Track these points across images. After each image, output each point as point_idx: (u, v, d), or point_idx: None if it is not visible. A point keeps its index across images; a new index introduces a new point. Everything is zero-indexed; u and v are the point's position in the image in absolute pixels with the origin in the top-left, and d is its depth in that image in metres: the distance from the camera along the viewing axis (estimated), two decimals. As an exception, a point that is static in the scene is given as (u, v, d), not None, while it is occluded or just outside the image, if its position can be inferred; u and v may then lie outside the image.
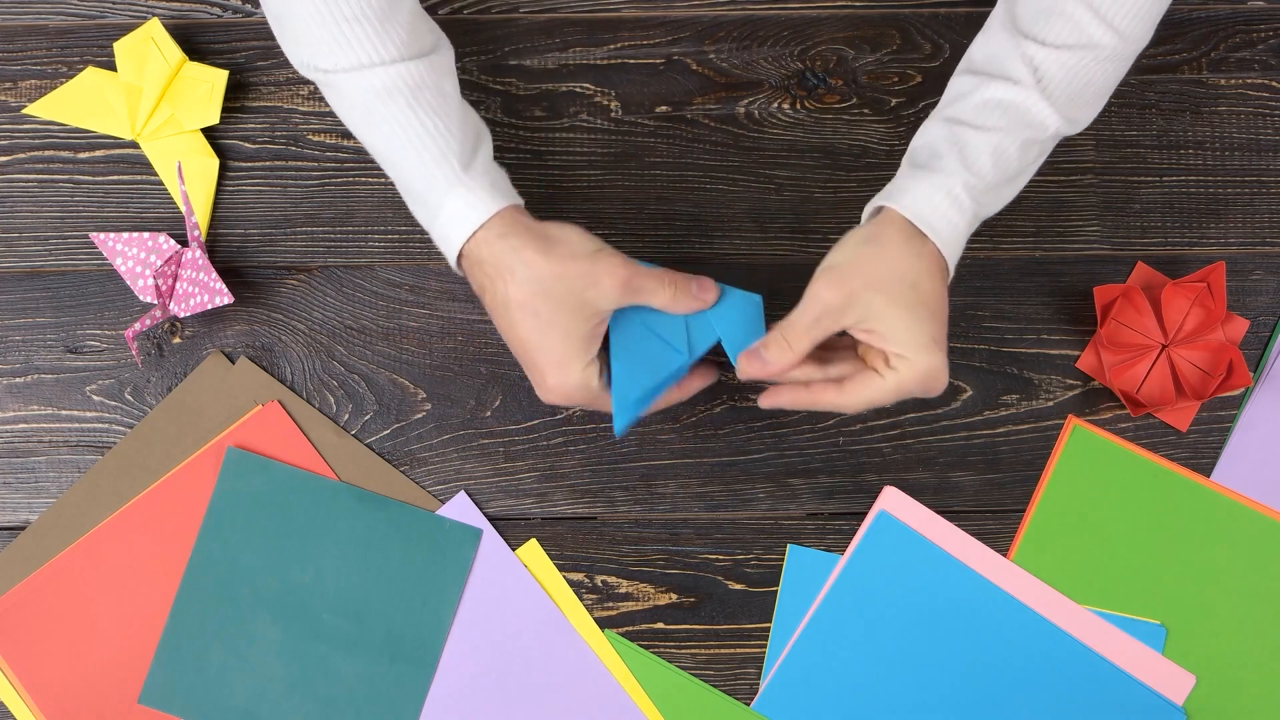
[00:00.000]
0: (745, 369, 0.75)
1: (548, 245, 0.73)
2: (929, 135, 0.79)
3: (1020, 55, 0.77)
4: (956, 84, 0.81)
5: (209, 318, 0.88)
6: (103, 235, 0.87)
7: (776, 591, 0.86)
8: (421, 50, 0.75)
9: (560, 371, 0.73)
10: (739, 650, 0.86)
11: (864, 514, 0.87)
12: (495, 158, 0.91)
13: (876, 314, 0.73)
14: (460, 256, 0.75)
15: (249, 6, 0.91)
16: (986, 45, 0.80)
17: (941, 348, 0.74)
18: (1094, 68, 0.78)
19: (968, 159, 0.76)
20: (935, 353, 0.73)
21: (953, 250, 0.76)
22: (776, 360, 0.74)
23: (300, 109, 0.90)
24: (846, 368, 0.77)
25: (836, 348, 0.79)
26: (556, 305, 0.72)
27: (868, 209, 0.80)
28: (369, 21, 0.72)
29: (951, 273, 0.76)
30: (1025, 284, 0.89)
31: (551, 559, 0.86)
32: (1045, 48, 0.77)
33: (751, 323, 0.77)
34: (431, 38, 0.77)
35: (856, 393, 0.75)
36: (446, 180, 0.74)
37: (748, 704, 0.85)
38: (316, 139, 0.90)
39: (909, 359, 0.73)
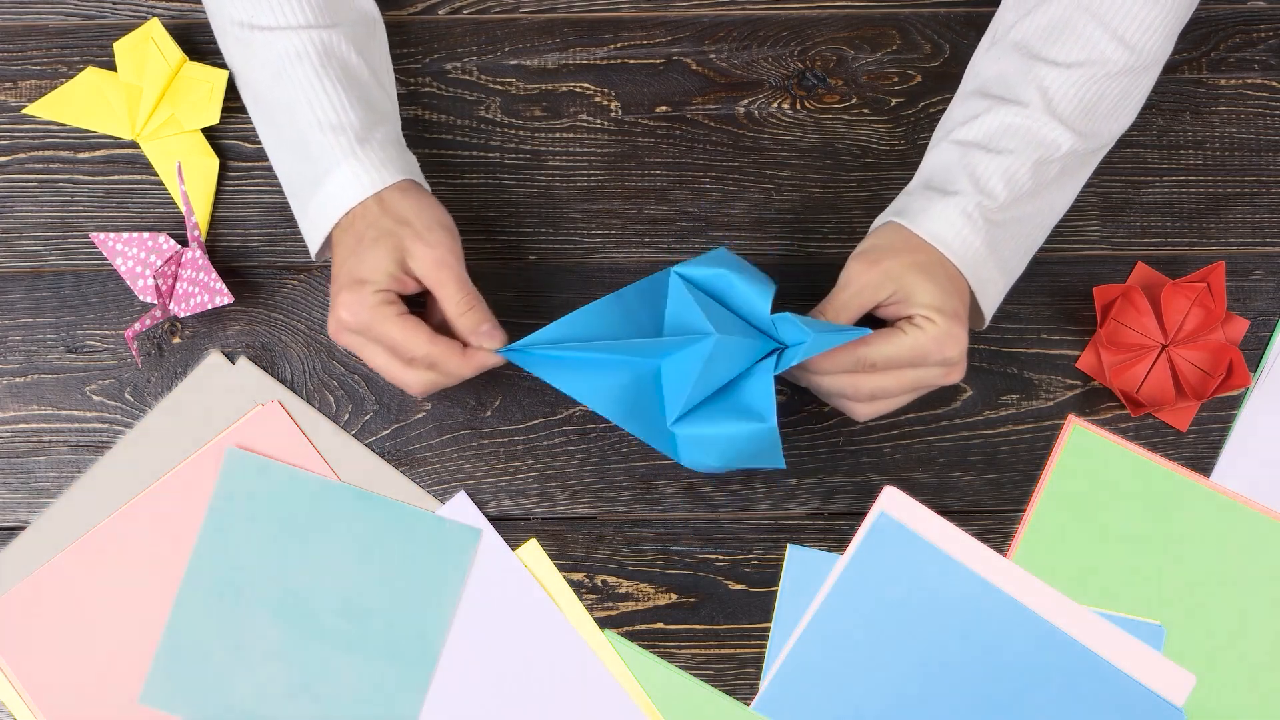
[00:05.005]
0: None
1: (403, 200, 0.77)
2: (942, 158, 0.80)
3: (1031, 79, 0.78)
4: (967, 105, 0.82)
5: (209, 318, 0.88)
6: (103, 235, 0.87)
7: (776, 591, 0.86)
8: (336, 21, 0.80)
9: (353, 289, 0.76)
10: (739, 650, 0.86)
11: (864, 514, 0.87)
12: (494, 158, 0.91)
13: (909, 284, 0.76)
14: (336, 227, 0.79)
15: (249, 6, 0.91)
16: (997, 63, 0.81)
17: (964, 325, 0.76)
18: (1105, 83, 0.78)
19: (980, 181, 0.78)
20: (958, 323, 0.76)
21: (972, 270, 0.78)
22: None
23: (300, 109, 0.90)
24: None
25: None
26: (377, 237, 0.76)
27: (877, 223, 0.81)
28: None
29: (973, 286, 0.78)
30: (1025, 284, 0.89)
31: (551, 559, 0.86)
32: (1056, 68, 0.78)
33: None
34: (353, 14, 0.82)
35: (879, 347, 0.76)
36: (341, 150, 0.77)
37: (748, 704, 0.85)
38: (316, 139, 0.90)
39: (934, 320, 0.75)
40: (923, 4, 0.92)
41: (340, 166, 0.77)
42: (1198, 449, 0.88)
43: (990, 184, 0.78)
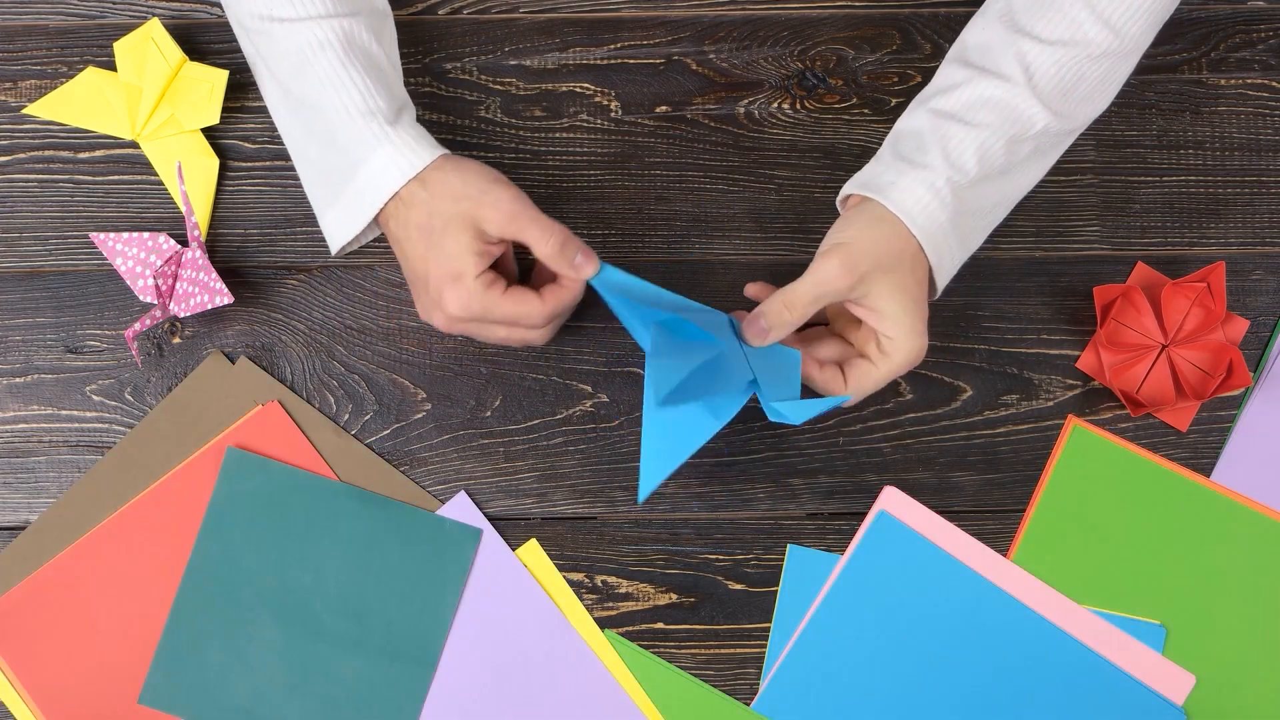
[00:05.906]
0: (747, 336, 0.77)
1: (447, 175, 0.77)
2: (914, 124, 0.80)
3: (1014, 52, 0.78)
4: (947, 73, 0.81)
5: (209, 318, 0.88)
6: (103, 235, 0.87)
7: (776, 591, 0.86)
8: (355, 10, 0.80)
9: (455, 284, 0.76)
10: (739, 650, 0.86)
11: (864, 514, 0.87)
12: (494, 158, 0.91)
13: (883, 296, 0.76)
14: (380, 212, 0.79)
15: (249, 6, 0.91)
16: (982, 32, 0.81)
17: (926, 331, 0.78)
18: (1086, 65, 0.78)
19: (951, 155, 0.78)
20: (924, 337, 0.77)
21: (934, 245, 0.77)
22: (776, 326, 0.76)
23: (300, 109, 0.90)
24: (832, 350, 0.80)
25: (818, 336, 0.82)
26: (447, 221, 0.76)
27: (845, 191, 0.80)
28: None
29: (932, 262, 0.78)
30: (1025, 284, 0.89)
31: (551, 559, 0.86)
32: (1039, 44, 0.78)
33: (787, 371, 0.78)
34: (368, 4, 0.81)
35: (856, 383, 0.78)
36: (374, 136, 0.77)
37: (748, 704, 0.85)
38: (316, 139, 0.90)
39: (901, 343, 0.76)
40: (923, 4, 0.92)
41: (376, 152, 0.77)
42: (1198, 449, 0.88)
43: (962, 158, 0.77)
